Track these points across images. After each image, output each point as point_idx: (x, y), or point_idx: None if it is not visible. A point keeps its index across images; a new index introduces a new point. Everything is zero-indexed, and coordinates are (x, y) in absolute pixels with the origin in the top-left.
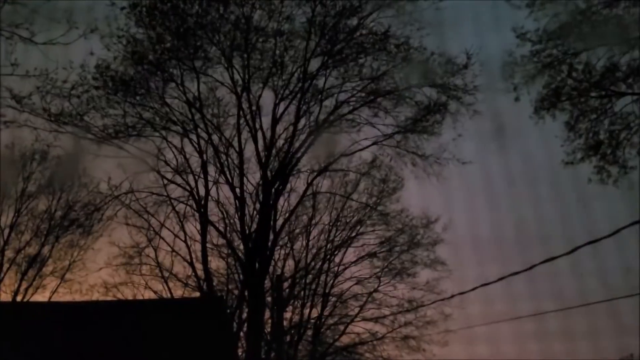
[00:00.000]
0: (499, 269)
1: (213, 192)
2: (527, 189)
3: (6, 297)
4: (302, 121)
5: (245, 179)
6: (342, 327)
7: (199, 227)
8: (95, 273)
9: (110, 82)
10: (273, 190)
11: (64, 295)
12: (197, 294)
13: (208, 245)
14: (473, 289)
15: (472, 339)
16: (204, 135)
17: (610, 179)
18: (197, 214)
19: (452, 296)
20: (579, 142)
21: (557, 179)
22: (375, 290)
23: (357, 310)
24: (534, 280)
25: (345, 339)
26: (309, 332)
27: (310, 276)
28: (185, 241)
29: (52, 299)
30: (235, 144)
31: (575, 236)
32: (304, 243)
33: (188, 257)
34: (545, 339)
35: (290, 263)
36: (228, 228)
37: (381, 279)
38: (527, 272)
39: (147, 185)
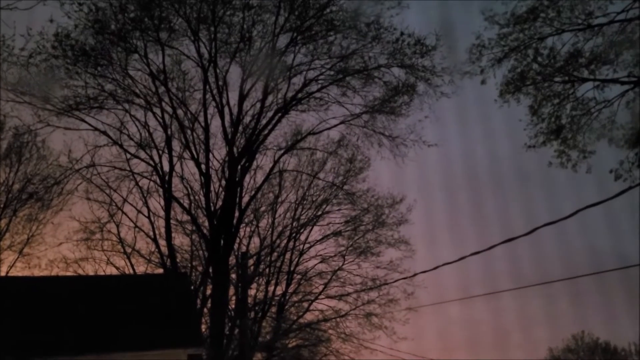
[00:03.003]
0: (461, 247)
1: (177, 167)
2: (492, 171)
3: None
4: (270, 98)
5: (211, 155)
6: (306, 305)
7: (162, 203)
8: (55, 248)
9: (70, 51)
10: (239, 167)
11: (22, 270)
12: (161, 271)
13: (172, 221)
14: (435, 268)
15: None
16: (168, 109)
17: (569, 162)
18: (161, 190)
19: (415, 275)
20: (542, 126)
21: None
22: (340, 269)
23: (321, 287)
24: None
25: (309, 316)
26: (273, 309)
27: (275, 254)
28: (148, 217)
29: (10, 274)
30: (201, 119)
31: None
32: (270, 221)
33: (151, 233)
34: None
35: (255, 240)
36: (193, 204)
37: (346, 257)
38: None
39: (109, 159)
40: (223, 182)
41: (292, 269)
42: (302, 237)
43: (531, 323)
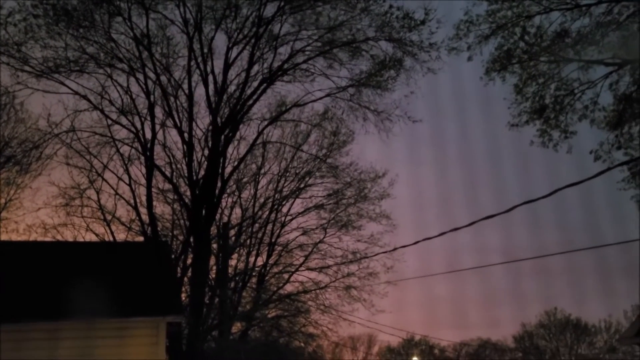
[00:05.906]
0: (443, 223)
1: (160, 135)
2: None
3: None
4: (255, 67)
5: (194, 123)
6: (286, 276)
7: (144, 170)
8: (34, 213)
9: (51, 10)
10: (222, 137)
11: None
12: (141, 239)
13: (153, 189)
14: (415, 243)
15: None
16: (151, 75)
17: (551, 142)
18: (142, 157)
19: (395, 249)
20: (525, 105)
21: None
22: (321, 241)
23: (302, 259)
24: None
25: (289, 287)
26: (254, 280)
27: (256, 225)
28: (129, 184)
29: None
30: (185, 86)
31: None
32: (252, 192)
33: (132, 201)
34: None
35: (237, 211)
36: (175, 173)
37: (327, 230)
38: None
39: (89, 124)
40: (206, 152)
41: (273, 240)
42: (284, 209)
43: (506, 298)
